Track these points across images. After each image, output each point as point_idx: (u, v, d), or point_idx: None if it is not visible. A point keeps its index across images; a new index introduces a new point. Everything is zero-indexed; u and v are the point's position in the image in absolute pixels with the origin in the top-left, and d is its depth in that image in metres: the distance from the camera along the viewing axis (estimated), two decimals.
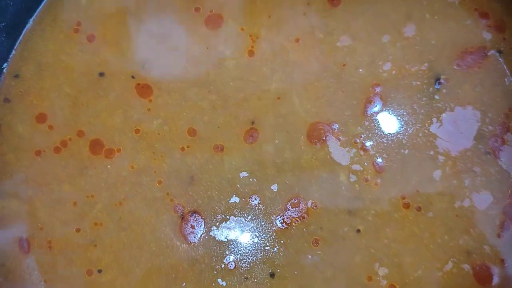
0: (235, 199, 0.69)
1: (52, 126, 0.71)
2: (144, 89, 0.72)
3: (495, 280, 0.66)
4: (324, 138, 0.70)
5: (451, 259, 0.66)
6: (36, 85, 0.72)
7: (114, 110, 0.72)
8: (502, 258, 0.66)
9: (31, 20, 0.74)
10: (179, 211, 0.70)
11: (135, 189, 0.70)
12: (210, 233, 0.69)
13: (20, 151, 0.71)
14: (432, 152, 0.68)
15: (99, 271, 0.69)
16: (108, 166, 0.70)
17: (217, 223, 0.69)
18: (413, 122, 0.69)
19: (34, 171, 0.71)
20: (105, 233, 0.69)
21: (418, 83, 0.70)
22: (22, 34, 0.73)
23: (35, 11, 0.74)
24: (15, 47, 0.73)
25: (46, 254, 0.70)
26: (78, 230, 0.70)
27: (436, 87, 0.69)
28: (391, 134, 0.69)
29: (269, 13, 0.72)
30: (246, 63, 0.72)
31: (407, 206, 0.68)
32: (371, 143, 0.69)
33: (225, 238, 0.69)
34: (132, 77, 0.72)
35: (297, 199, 0.69)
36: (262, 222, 0.69)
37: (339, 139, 0.69)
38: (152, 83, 0.72)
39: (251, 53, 0.72)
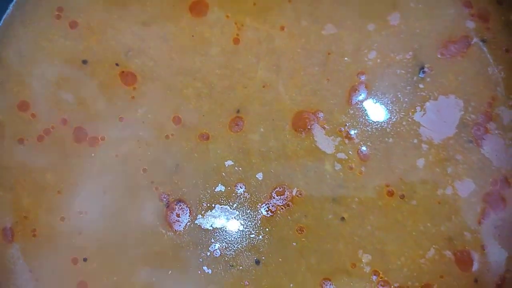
0: (220, 187, 0.69)
1: (34, 114, 0.71)
2: (128, 77, 0.71)
3: (475, 265, 0.67)
4: (309, 127, 0.70)
5: (433, 246, 0.67)
6: (17, 72, 0.71)
7: (97, 98, 0.71)
8: (482, 244, 0.67)
9: (11, 5, 0.72)
10: (164, 199, 0.69)
11: (120, 177, 0.70)
12: (196, 222, 0.69)
13: (2, 139, 0.70)
14: (415, 141, 0.69)
15: (85, 259, 0.69)
16: (92, 155, 0.70)
17: (203, 211, 0.69)
18: (397, 110, 0.70)
19: (17, 160, 0.70)
20: (90, 221, 0.69)
21: (403, 71, 0.70)
22: (2, 20, 0.72)
23: None
24: None
25: (31, 243, 0.69)
26: (62, 219, 0.69)
27: (420, 75, 0.70)
28: (375, 123, 0.70)
29: (254, 1, 0.72)
30: (231, 51, 0.71)
31: (391, 194, 0.68)
32: (356, 131, 0.70)
33: (211, 226, 0.69)
34: (116, 64, 0.71)
35: (282, 187, 0.69)
36: (247, 210, 0.69)
37: (324, 128, 0.70)
38: (137, 71, 0.71)
39: (236, 40, 0.71)
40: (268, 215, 0.69)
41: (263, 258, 0.68)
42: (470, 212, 0.68)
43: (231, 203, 0.69)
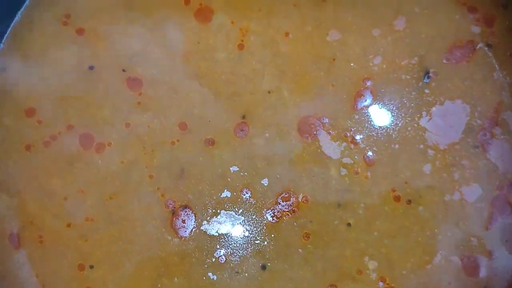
0: (226, 193, 0.69)
1: (41, 120, 0.71)
2: (134, 83, 0.71)
3: (483, 271, 0.67)
4: (314, 132, 0.70)
5: (440, 251, 0.67)
6: (24, 79, 0.71)
7: (104, 104, 0.71)
8: (489, 250, 0.67)
9: (19, 13, 0.73)
10: (170, 205, 0.69)
11: (126, 183, 0.70)
12: (201, 228, 0.69)
13: (9, 145, 0.71)
14: (421, 146, 0.69)
15: (91, 266, 0.69)
16: (99, 161, 0.70)
17: (208, 218, 0.69)
18: (403, 115, 0.69)
19: (24, 166, 0.70)
20: (96, 227, 0.69)
21: (408, 77, 0.70)
22: (11, 27, 0.72)
23: (23, 3, 0.73)
24: (3, 41, 0.72)
25: (38, 249, 0.69)
26: (69, 225, 0.69)
27: (425, 81, 0.69)
28: (381, 128, 0.70)
29: (259, 7, 0.72)
30: (237, 57, 0.71)
31: (397, 199, 0.68)
32: (361, 136, 0.69)
33: (216, 232, 0.69)
34: (123, 70, 0.71)
35: (288, 193, 0.69)
36: (253, 216, 0.69)
37: (329, 133, 0.70)
38: (143, 77, 0.71)
39: (241, 46, 0.71)
40: (274, 221, 0.69)
41: (269, 264, 0.68)
42: (477, 217, 0.67)
43: (236, 209, 0.69)
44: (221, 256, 0.69)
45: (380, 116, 0.70)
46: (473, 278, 0.67)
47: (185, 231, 0.69)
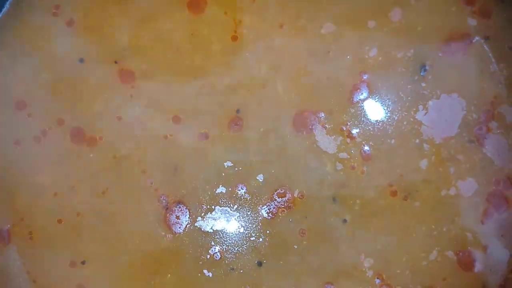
0: (221, 189, 0.69)
1: (31, 114, 0.70)
2: (126, 75, 0.70)
3: (478, 266, 0.67)
4: (310, 127, 0.69)
5: (436, 247, 0.67)
6: (13, 71, 0.70)
7: (95, 97, 0.70)
8: (484, 245, 0.67)
9: (7, 3, 0.71)
10: (164, 201, 0.69)
11: (118, 179, 0.69)
12: (196, 224, 0.69)
13: None
14: (417, 141, 0.68)
15: (83, 262, 0.68)
16: (90, 155, 0.69)
17: (203, 213, 0.69)
18: (399, 109, 0.69)
19: (13, 161, 0.69)
20: (88, 224, 0.68)
21: (404, 69, 0.69)
22: None
23: None
24: None
25: (28, 245, 0.69)
26: (60, 221, 0.69)
27: (421, 74, 0.69)
28: (377, 122, 0.69)
29: None
30: (231, 49, 0.70)
31: (394, 194, 0.68)
32: (358, 130, 0.69)
33: (211, 228, 0.69)
34: (115, 62, 0.70)
35: (284, 188, 0.69)
36: (248, 212, 0.69)
37: (325, 127, 0.69)
38: (135, 69, 0.70)
39: (234, 38, 0.70)
40: (269, 217, 0.68)
41: (264, 261, 0.68)
42: (473, 212, 0.67)
43: (231, 205, 0.69)
44: (216, 252, 0.68)
45: (377, 109, 0.69)
46: (468, 273, 0.67)
47: (179, 227, 0.69)
